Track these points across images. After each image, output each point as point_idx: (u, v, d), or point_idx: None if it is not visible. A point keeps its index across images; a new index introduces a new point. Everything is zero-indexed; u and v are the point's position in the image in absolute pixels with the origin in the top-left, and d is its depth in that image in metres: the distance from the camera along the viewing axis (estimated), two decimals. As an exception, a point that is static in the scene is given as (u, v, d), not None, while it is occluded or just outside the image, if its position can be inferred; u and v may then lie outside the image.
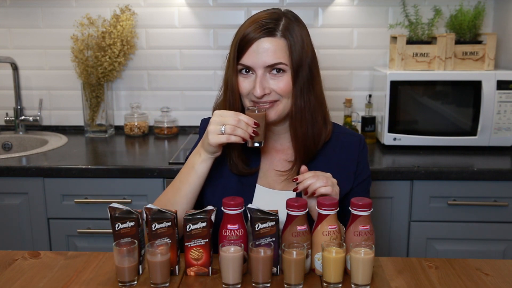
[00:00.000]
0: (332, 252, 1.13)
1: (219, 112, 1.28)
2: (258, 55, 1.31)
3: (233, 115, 1.26)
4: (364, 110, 2.44)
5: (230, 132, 1.24)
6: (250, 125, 1.26)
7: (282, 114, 1.37)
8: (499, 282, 1.19)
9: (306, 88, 1.34)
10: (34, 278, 1.20)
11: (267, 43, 1.31)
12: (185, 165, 1.37)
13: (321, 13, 2.48)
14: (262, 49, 1.31)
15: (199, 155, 1.33)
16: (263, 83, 1.32)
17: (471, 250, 2.02)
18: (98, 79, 2.46)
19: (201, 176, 1.33)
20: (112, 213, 1.18)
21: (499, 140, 2.18)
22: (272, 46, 1.31)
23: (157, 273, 1.14)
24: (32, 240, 2.07)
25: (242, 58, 1.33)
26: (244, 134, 1.25)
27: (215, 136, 1.26)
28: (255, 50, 1.31)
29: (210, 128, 1.27)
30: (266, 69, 1.32)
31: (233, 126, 1.24)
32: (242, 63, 1.33)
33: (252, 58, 1.32)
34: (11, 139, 2.53)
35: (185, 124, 2.60)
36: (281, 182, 1.42)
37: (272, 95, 1.34)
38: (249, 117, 1.27)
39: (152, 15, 2.51)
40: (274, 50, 1.31)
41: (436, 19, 2.30)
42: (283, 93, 1.33)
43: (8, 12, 2.54)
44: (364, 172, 1.45)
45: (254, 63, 1.32)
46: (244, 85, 1.35)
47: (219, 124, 1.25)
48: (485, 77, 2.14)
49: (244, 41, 1.32)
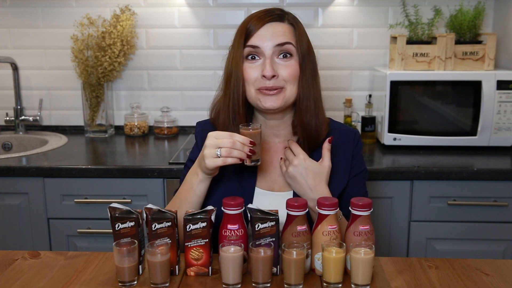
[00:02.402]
0: (332, 252, 1.13)
1: (213, 134, 1.26)
2: (267, 35, 1.32)
3: (227, 136, 1.24)
4: (364, 110, 2.44)
5: (226, 155, 1.22)
6: (246, 145, 1.23)
7: (288, 101, 1.36)
8: (499, 282, 1.19)
9: (311, 78, 1.36)
10: (34, 278, 1.20)
11: (276, 25, 1.33)
12: (184, 184, 1.36)
13: (321, 13, 2.48)
14: (272, 30, 1.32)
15: (197, 176, 1.31)
16: (272, 64, 1.32)
17: (471, 250, 2.02)
18: (98, 79, 2.46)
19: (200, 196, 1.33)
20: (112, 213, 1.18)
21: (499, 140, 2.18)
22: (282, 28, 1.33)
23: (157, 273, 1.14)
24: (32, 240, 2.07)
25: (250, 40, 1.33)
26: (240, 155, 1.23)
27: (211, 160, 1.24)
28: (264, 31, 1.32)
29: (205, 153, 1.24)
30: (274, 50, 1.32)
31: (229, 149, 1.22)
32: (250, 44, 1.33)
33: (261, 38, 1.32)
34: (11, 139, 2.53)
35: (185, 124, 2.60)
36: (280, 183, 1.42)
37: (279, 81, 1.33)
38: (244, 136, 1.25)
39: (152, 15, 2.51)
40: (284, 32, 1.33)
41: (436, 19, 2.30)
42: (291, 77, 1.33)
43: (8, 12, 2.54)
44: (359, 165, 1.44)
45: (263, 43, 1.32)
46: (250, 71, 1.34)
47: (214, 147, 1.23)
48: (485, 77, 2.14)
49: (253, 24, 1.33)
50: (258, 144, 1.27)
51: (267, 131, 1.43)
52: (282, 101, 1.34)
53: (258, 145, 1.27)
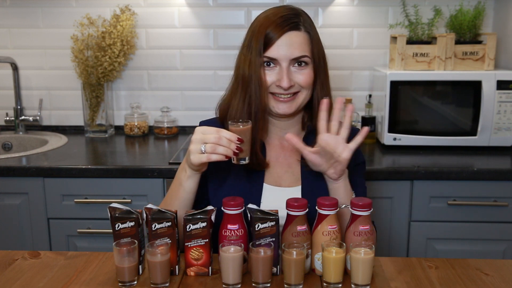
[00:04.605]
0: (332, 252, 1.13)
1: (200, 129, 1.23)
2: (285, 47, 1.33)
3: (214, 132, 1.21)
4: (364, 110, 2.44)
5: (211, 151, 1.20)
6: (233, 142, 1.21)
7: (301, 106, 1.39)
8: (499, 282, 1.19)
9: (324, 79, 1.40)
10: (34, 278, 1.20)
11: (293, 36, 1.34)
12: (174, 181, 1.36)
13: (321, 13, 2.48)
14: (289, 42, 1.33)
15: (185, 171, 1.30)
16: (289, 75, 1.34)
17: (471, 250, 2.02)
18: (98, 79, 2.46)
19: (189, 192, 1.32)
20: (112, 213, 1.18)
21: (499, 140, 2.18)
22: (298, 40, 1.34)
23: (157, 273, 1.14)
24: (32, 240, 2.07)
25: (268, 51, 1.34)
26: (226, 152, 1.20)
27: (196, 156, 1.21)
28: (282, 43, 1.33)
29: (191, 148, 1.23)
30: (291, 61, 1.34)
31: (214, 144, 1.20)
32: (267, 56, 1.34)
33: (278, 50, 1.33)
34: (11, 139, 2.53)
35: (185, 124, 2.60)
36: (287, 179, 1.42)
37: (295, 87, 1.36)
38: (232, 133, 1.22)
39: (152, 15, 2.51)
40: (300, 44, 1.34)
41: (436, 19, 2.30)
42: (306, 85, 1.36)
43: (8, 12, 2.54)
44: (357, 157, 1.43)
45: (280, 56, 1.33)
46: (269, 77, 1.36)
47: (200, 143, 1.21)
48: (485, 77, 2.14)
49: (271, 34, 1.34)
50: (246, 142, 1.23)
51: (275, 129, 1.45)
52: (295, 107, 1.38)
53: (246, 143, 1.23)
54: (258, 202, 1.38)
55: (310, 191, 1.39)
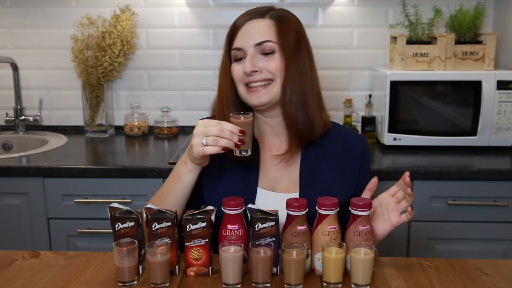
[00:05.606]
0: (332, 252, 1.13)
1: (202, 122, 1.24)
2: (247, 35, 1.34)
3: (216, 124, 1.21)
4: (364, 110, 2.44)
5: (213, 143, 1.20)
6: (235, 133, 1.21)
7: (276, 96, 1.35)
8: (499, 282, 1.19)
9: (298, 72, 1.34)
10: (34, 278, 1.20)
11: (255, 24, 1.35)
12: (172, 173, 1.35)
13: (321, 13, 2.48)
14: (252, 29, 1.34)
15: (186, 165, 1.30)
16: (253, 61, 1.33)
17: (471, 250, 2.02)
18: (98, 79, 2.46)
19: (187, 186, 1.31)
20: (112, 213, 1.18)
21: (499, 140, 2.18)
22: (261, 26, 1.35)
23: (157, 273, 1.14)
24: (32, 240, 2.07)
25: (234, 42, 1.36)
26: (228, 144, 1.20)
27: (198, 149, 1.22)
28: (244, 32, 1.35)
29: (193, 141, 1.23)
30: (256, 49, 1.34)
31: (216, 137, 1.20)
32: (233, 47, 1.36)
33: (241, 39, 1.35)
34: (11, 139, 2.53)
35: (185, 124, 2.60)
36: (283, 183, 1.41)
37: (264, 73, 1.33)
38: (234, 124, 1.22)
39: (152, 15, 2.51)
40: (262, 30, 1.34)
41: (436, 19, 2.30)
42: (275, 70, 1.33)
43: (8, 12, 2.54)
44: (366, 176, 1.42)
45: (243, 43, 1.34)
46: (236, 69, 1.36)
47: (202, 135, 1.21)
48: (485, 77, 2.14)
49: (234, 26, 1.36)
50: (248, 134, 1.24)
51: (267, 129, 1.43)
52: (269, 96, 1.34)
53: (248, 135, 1.24)
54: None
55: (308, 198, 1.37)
